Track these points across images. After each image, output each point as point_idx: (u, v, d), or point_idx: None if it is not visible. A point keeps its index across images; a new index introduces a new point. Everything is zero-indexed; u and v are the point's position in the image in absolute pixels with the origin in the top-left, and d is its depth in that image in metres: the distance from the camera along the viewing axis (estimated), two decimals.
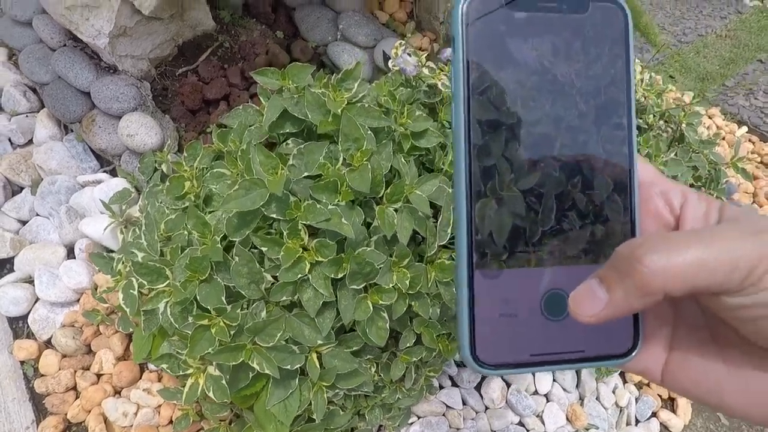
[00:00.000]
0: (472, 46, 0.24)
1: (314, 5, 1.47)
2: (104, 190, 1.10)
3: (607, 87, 0.25)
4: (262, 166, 0.71)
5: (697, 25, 2.69)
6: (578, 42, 0.25)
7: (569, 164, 0.25)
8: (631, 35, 0.25)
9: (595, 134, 0.25)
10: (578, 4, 0.25)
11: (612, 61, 0.25)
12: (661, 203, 0.25)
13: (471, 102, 0.24)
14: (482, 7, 0.24)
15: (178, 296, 0.69)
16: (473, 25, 0.24)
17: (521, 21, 0.24)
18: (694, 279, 0.19)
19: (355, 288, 0.73)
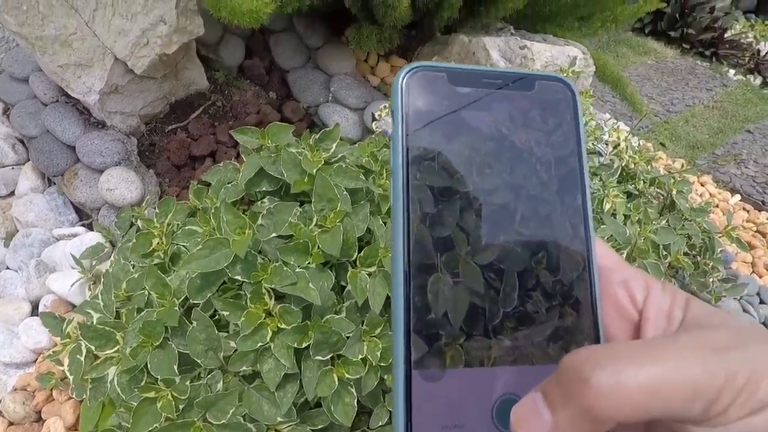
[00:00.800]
0: (412, 122, 0.22)
1: (307, 68, 1.51)
2: (77, 244, 1.07)
3: (556, 167, 0.24)
4: (229, 225, 0.68)
5: (684, 96, 2.77)
6: (525, 121, 0.23)
7: (518, 249, 0.23)
8: (580, 115, 0.24)
9: (546, 217, 0.23)
10: (524, 83, 0.24)
11: (562, 141, 0.24)
12: (623, 294, 0.23)
13: (410, 180, 0.22)
14: (424, 82, 0.23)
15: (126, 364, 0.63)
16: (414, 99, 0.22)
17: (465, 97, 0.23)
18: (649, 406, 0.16)
19: (321, 359, 0.67)
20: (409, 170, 0.22)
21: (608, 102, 2.44)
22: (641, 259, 0.99)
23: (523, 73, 0.24)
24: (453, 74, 0.23)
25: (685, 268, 1.07)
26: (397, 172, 0.22)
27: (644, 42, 3.30)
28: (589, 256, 0.23)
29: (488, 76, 0.23)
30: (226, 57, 1.40)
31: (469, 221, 0.22)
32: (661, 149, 2.22)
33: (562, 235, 0.23)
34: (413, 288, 0.21)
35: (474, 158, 0.23)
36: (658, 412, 0.16)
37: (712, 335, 0.18)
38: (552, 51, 1.38)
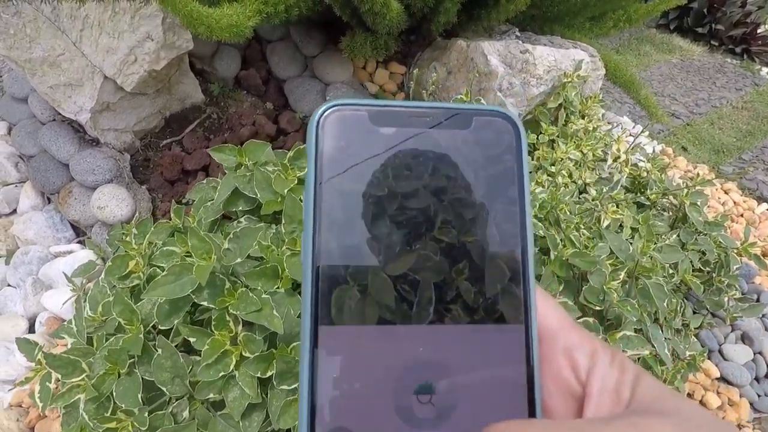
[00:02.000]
0: (327, 169, 0.20)
1: (304, 77, 1.49)
2: (70, 262, 1.08)
3: (493, 213, 0.21)
4: (194, 250, 0.67)
5: (711, 96, 2.63)
6: (457, 164, 0.21)
7: (443, 306, 0.20)
8: (524, 152, 0.22)
9: (479, 269, 0.20)
10: (459, 120, 0.21)
11: (501, 185, 0.21)
12: (565, 364, 0.21)
13: (320, 229, 0.20)
14: (342, 122, 0.20)
15: (90, 393, 0.62)
16: (330, 142, 0.20)
17: (388, 137, 0.21)
18: None
19: (286, 388, 0.65)
20: (320, 221, 0.20)
21: (626, 103, 2.35)
22: (645, 278, 0.93)
23: (457, 108, 0.21)
24: (375, 113, 0.21)
25: (692, 287, 1.00)
26: (307, 221, 0.20)
27: (669, 39, 3.16)
28: (528, 319, 0.21)
29: (416, 114, 0.21)
30: (222, 69, 1.40)
31: (384, 290, 0.20)
32: (683, 154, 2.11)
33: (496, 294, 0.20)
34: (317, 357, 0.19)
35: (396, 208, 0.20)
36: None
37: (653, 426, 0.16)
38: (556, 55, 1.32)
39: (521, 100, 1.28)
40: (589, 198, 1.14)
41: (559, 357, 0.21)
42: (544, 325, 0.21)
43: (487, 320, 0.20)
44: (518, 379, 0.20)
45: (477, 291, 0.20)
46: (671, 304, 1.11)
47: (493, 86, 1.26)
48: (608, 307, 0.91)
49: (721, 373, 1.29)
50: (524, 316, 0.21)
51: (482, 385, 0.20)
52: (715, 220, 1.22)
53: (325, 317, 0.19)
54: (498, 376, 0.20)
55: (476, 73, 1.27)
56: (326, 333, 0.19)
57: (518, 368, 0.20)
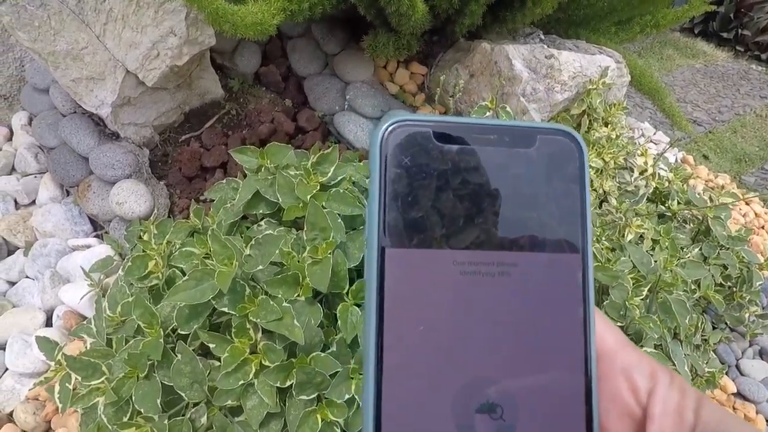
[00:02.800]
0: (392, 186, 0.20)
1: (324, 75, 1.48)
2: (88, 257, 1.09)
3: (555, 238, 0.21)
4: (215, 256, 0.66)
5: (734, 103, 2.58)
6: (521, 181, 0.21)
7: (508, 331, 0.20)
8: (586, 172, 0.22)
9: (545, 294, 0.21)
10: (522, 138, 0.21)
11: (564, 202, 0.21)
12: (624, 386, 0.21)
13: (385, 254, 0.20)
14: (407, 138, 0.20)
15: (110, 397, 0.62)
16: (396, 159, 0.20)
17: (452, 156, 0.20)
18: None
19: (305, 399, 0.64)
20: (385, 239, 0.20)
21: (648, 109, 2.31)
22: (666, 293, 0.91)
23: (523, 125, 0.21)
24: (439, 129, 0.20)
25: (714, 303, 0.98)
26: (371, 241, 0.20)
27: (693, 43, 3.10)
28: (588, 338, 0.21)
29: (480, 131, 0.21)
30: (242, 64, 1.39)
31: (452, 304, 0.20)
32: (704, 162, 2.07)
33: (557, 314, 0.21)
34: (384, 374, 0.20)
35: (464, 227, 0.20)
36: None
37: None
38: (582, 61, 1.29)
39: (544, 106, 1.25)
40: (610, 208, 1.12)
41: (617, 377, 0.21)
42: (601, 344, 0.21)
43: (547, 336, 0.20)
44: (576, 397, 0.20)
45: (540, 311, 0.20)
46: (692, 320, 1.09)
47: (516, 91, 1.24)
48: (629, 323, 0.90)
49: (737, 388, 1.27)
50: (583, 335, 0.21)
51: (541, 403, 0.20)
52: (738, 234, 1.19)
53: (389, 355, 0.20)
54: (556, 393, 0.20)
55: (500, 77, 1.25)
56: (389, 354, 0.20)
57: (576, 386, 0.20)
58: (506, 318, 0.20)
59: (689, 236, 1.18)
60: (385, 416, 0.19)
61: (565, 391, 0.20)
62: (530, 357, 0.20)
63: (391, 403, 0.19)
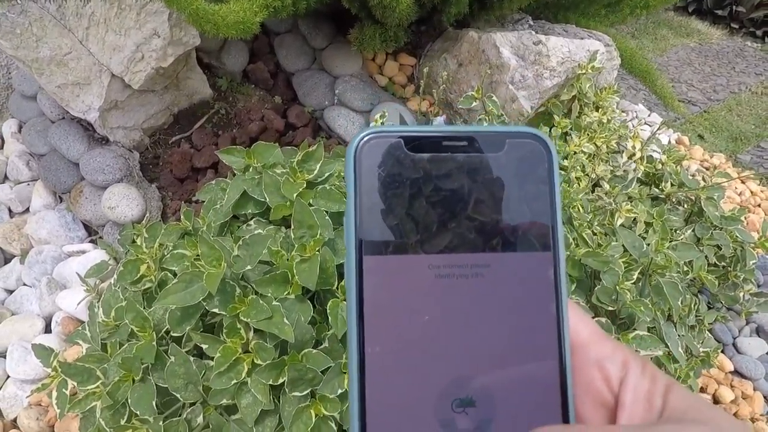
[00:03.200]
0: (367, 195, 0.21)
1: (313, 70, 1.48)
2: (83, 262, 1.09)
3: (527, 233, 0.22)
4: (203, 258, 0.67)
5: (729, 81, 2.56)
6: (493, 185, 0.22)
7: (484, 329, 0.21)
8: (555, 172, 0.23)
9: (518, 292, 0.22)
10: (492, 143, 0.22)
11: (535, 204, 0.22)
12: (598, 375, 0.21)
13: (363, 263, 0.21)
14: (380, 149, 0.21)
15: (105, 401, 0.63)
16: (368, 170, 0.21)
17: (424, 164, 0.21)
18: None
19: (298, 395, 0.65)
20: (362, 247, 0.21)
21: (642, 91, 2.29)
22: (658, 275, 0.92)
23: (491, 130, 0.22)
24: (409, 139, 0.21)
25: (707, 284, 0.98)
26: (350, 250, 0.21)
27: (687, 22, 3.07)
28: (561, 332, 0.21)
29: (449, 138, 0.22)
30: (230, 63, 1.39)
31: (429, 306, 0.21)
32: (699, 142, 2.06)
33: (531, 310, 0.22)
34: (365, 368, 0.20)
35: (435, 232, 0.21)
36: None
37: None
38: (570, 46, 1.28)
39: (533, 93, 1.25)
40: (602, 193, 1.12)
41: (591, 367, 0.21)
42: (576, 337, 0.22)
43: (522, 332, 0.21)
44: (552, 389, 0.21)
45: (512, 307, 0.21)
46: (685, 301, 1.10)
47: (505, 79, 1.23)
48: (621, 307, 0.90)
49: (734, 366, 1.28)
50: (557, 329, 0.21)
51: (518, 397, 0.21)
52: (731, 214, 1.19)
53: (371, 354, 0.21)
54: (532, 386, 0.21)
55: (488, 65, 1.25)
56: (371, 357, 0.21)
57: (551, 378, 0.21)
58: (482, 317, 0.21)
59: (683, 218, 1.18)
60: (370, 417, 0.20)
61: (541, 383, 0.21)
62: (506, 353, 0.21)
63: (376, 404, 0.20)
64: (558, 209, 0.22)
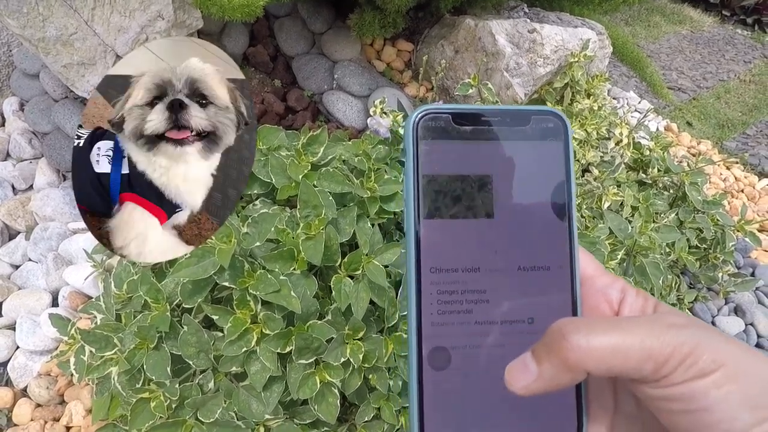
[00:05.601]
0: (423, 162, 0.26)
1: (312, 55, 1.50)
2: (89, 238, 1.12)
3: (547, 193, 0.27)
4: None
5: (719, 69, 2.60)
6: (521, 150, 0.27)
7: (510, 266, 0.26)
8: (570, 142, 0.28)
9: (537, 237, 0.27)
10: (519, 118, 0.27)
11: (554, 166, 0.27)
12: (601, 299, 0.27)
13: (422, 218, 0.25)
14: (433, 122, 0.26)
15: (123, 366, 0.68)
16: (425, 139, 0.26)
17: (468, 133, 0.26)
18: (610, 362, 0.20)
19: (305, 362, 0.70)
20: (421, 202, 0.25)
21: (633, 78, 2.33)
22: (642, 256, 0.97)
23: (518, 108, 0.27)
24: (457, 115, 0.26)
25: (687, 264, 1.04)
26: (409, 212, 0.25)
27: (680, 9, 3.10)
28: (573, 269, 0.27)
29: (487, 114, 0.27)
30: (230, 45, 1.40)
31: (472, 253, 0.26)
32: (687, 129, 2.11)
33: (551, 251, 0.27)
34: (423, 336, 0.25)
35: (477, 189, 0.26)
36: (617, 368, 0.20)
37: (670, 317, 0.21)
38: (563, 34, 1.32)
39: (528, 80, 1.28)
40: (591, 179, 1.17)
41: (596, 294, 0.27)
42: (584, 270, 0.27)
43: (545, 269, 0.27)
44: (566, 310, 0.26)
45: (537, 251, 0.27)
46: (667, 281, 1.16)
47: (500, 66, 1.26)
48: None
49: None
50: (570, 266, 0.27)
51: (540, 313, 0.26)
52: (713, 198, 1.25)
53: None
54: (552, 308, 0.26)
55: (484, 53, 1.28)
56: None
57: (566, 303, 0.27)
58: (515, 258, 0.26)
59: (667, 202, 1.23)
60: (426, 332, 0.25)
61: (559, 306, 0.27)
62: (533, 284, 0.26)
63: (431, 326, 0.25)
64: (571, 169, 0.27)
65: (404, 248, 0.27)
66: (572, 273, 0.27)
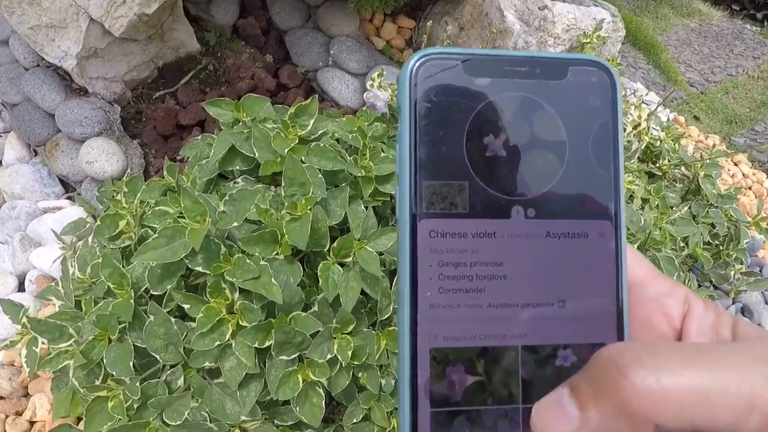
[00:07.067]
0: (422, 120, 0.20)
1: (307, 29, 1.41)
2: (59, 219, 1.04)
3: (588, 172, 0.21)
4: (187, 212, 0.62)
5: (727, 64, 2.53)
6: (554, 114, 0.21)
7: (536, 260, 0.20)
8: (619, 104, 0.22)
9: (573, 225, 0.21)
10: (554, 70, 0.21)
11: (596, 136, 0.21)
12: (656, 311, 0.21)
13: (418, 188, 0.20)
14: (437, 71, 0.20)
15: (78, 360, 0.59)
16: (424, 94, 0.20)
17: (483, 88, 0.20)
18: (694, 413, 0.14)
19: (286, 359, 0.62)
20: (417, 165, 0.20)
21: (640, 69, 2.25)
22: (654, 251, 0.90)
23: (554, 57, 0.22)
24: (469, 62, 0.20)
25: (703, 261, 0.97)
26: (403, 168, 0.20)
27: (688, 2, 3.02)
28: (619, 266, 0.21)
29: (511, 63, 0.21)
30: (219, 16, 1.31)
31: (488, 230, 0.20)
32: (694, 123, 2.04)
33: (589, 247, 0.21)
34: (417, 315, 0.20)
35: (494, 162, 0.20)
36: (705, 421, 0.14)
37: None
38: (576, 13, 1.23)
39: None
40: None
41: (649, 304, 0.21)
42: (633, 275, 0.21)
43: (582, 266, 0.21)
44: (609, 322, 0.21)
45: (573, 237, 0.21)
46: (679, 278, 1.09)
47: (508, 45, 1.18)
48: None
49: None
50: (615, 262, 0.21)
51: (576, 326, 0.21)
52: (728, 192, 1.18)
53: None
54: (590, 317, 0.21)
55: (490, 30, 1.19)
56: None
57: (609, 312, 0.21)
58: (545, 251, 0.21)
59: (679, 195, 1.16)
60: (423, 317, 0.20)
61: (599, 317, 0.20)
62: (567, 286, 0.21)
63: (429, 309, 0.20)
64: (620, 141, 0.21)
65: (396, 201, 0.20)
66: (618, 277, 0.21)
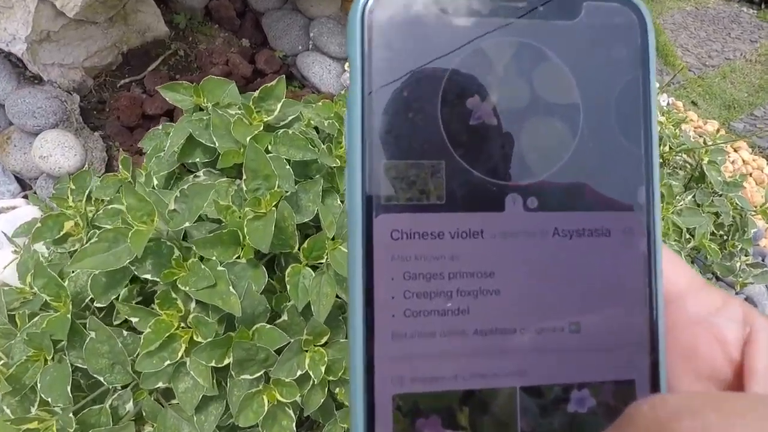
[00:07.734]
0: (379, 74, 0.15)
1: (285, 10, 1.31)
2: (11, 219, 0.95)
3: (609, 139, 0.16)
4: (131, 212, 0.54)
5: (724, 47, 2.46)
6: (563, 67, 0.16)
7: (540, 268, 0.16)
8: (652, 53, 0.16)
9: (591, 219, 0.16)
10: (563, 6, 0.16)
11: (620, 97, 0.16)
12: (705, 336, 0.15)
13: (374, 170, 0.15)
14: (400, 6, 0.15)
15: (4, 388, 0.51)
16: (383, 37, 0.15)
17: (466, 31, 0.15)
18: None
19: (249, 378, 0.54)
20: (373, 139, 0.15)
21: None
22: None
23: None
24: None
25: (710, 253, 0.90)
26: (353, 143, 0.15)
27: None
28: (652, 279, 0.16)
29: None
30: None
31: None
32: (693, 108, 1.98)
33: (611, 249, 0.16)
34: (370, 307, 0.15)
35: (480, 135, 0.15)
36: None
37: None
38: None
39: None
40: None
41: (694, 325, 0.16)
42: (669, 285, 0.16)
43: (596, 272, 0.16)
44: (640, 348, 0.16)
45: (591, 231, 0.16)
46: None
47: None
48: None
49: None
50: (646, 266, 0.16)
51: (593, 356, 0.16)
52: (733, 179, 1.11)
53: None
54: (615, 339, 0.16)
55: None
56: None
57: (639, 332, 0.16)
58: (554, 251, 0.16)
59: (682, 183, 1.09)
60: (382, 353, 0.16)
61: (625, 345, 0.16)
62: (582, 305, 0.16)
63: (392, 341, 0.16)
64: (652, 104, 0.16)
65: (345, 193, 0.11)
66: (651, 289, 0.16)
